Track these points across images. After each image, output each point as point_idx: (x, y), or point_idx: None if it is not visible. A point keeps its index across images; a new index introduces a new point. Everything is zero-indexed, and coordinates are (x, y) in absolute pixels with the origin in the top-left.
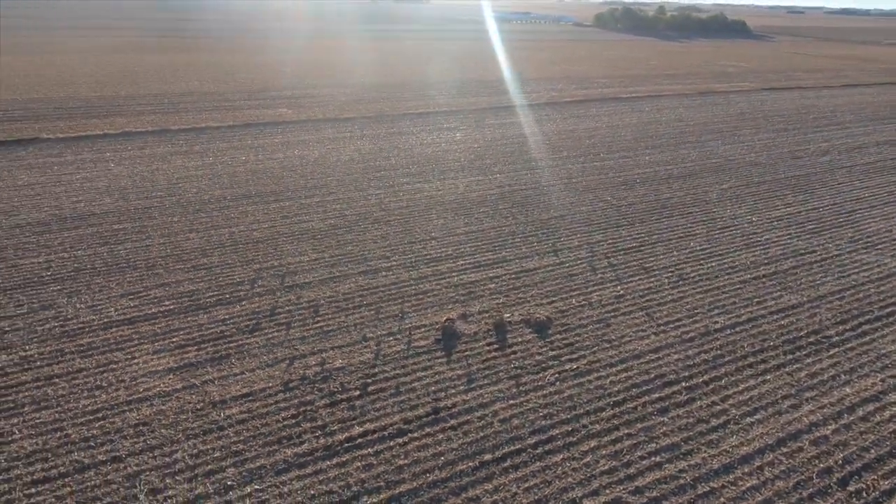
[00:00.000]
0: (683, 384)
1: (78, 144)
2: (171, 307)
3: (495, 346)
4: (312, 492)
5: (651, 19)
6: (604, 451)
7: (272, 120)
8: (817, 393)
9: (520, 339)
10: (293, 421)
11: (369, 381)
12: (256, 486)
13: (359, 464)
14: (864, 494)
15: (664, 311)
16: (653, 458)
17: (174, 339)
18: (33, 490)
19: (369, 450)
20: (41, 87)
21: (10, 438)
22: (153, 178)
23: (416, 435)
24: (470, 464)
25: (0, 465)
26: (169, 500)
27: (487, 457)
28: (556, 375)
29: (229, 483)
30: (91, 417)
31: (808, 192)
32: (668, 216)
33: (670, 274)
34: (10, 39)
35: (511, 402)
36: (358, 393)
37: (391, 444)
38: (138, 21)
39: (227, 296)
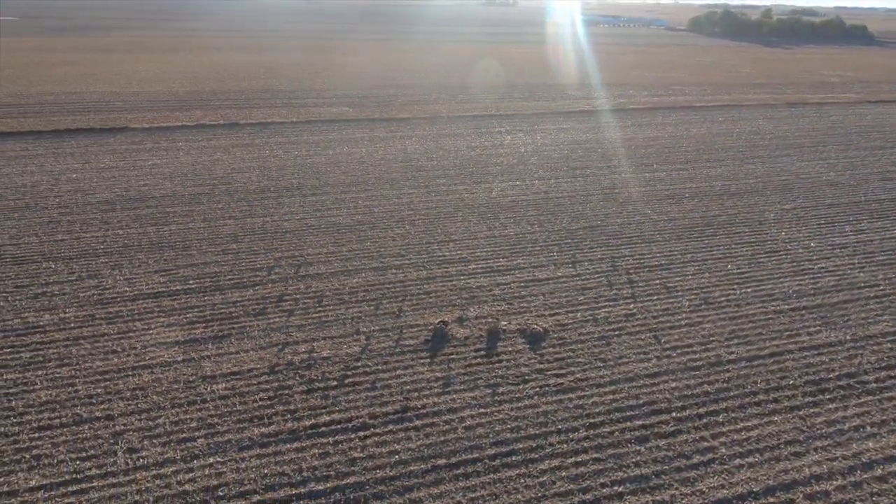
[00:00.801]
0: (674, 414)
1: (158, 134)
2: (193, 286)
3: (483, 352)
4: (266, 471)
5: (754, 24)
6: (564, 473)
7: (332, 118)
8: (831, 443)
9: (510, 349)
10: (269, 402)
11: (349, 373)
12: (218, 459)
13: (316, 451)
14: None
15: (675, 334)
16: (615, 488)
17: (188, 316)
18: (36, 435)
19: (330, 439)
20: (140, 83)
21: (31, 388)
22: (212, 167)
23: (378, 431)
24: (422, 466)
25: (17, 410)
26: (141, 460)
27: (441, 462)
28: (537, 389)
29: (196, 452)
30: (100, 378)
31: (888, 220)
32: (711, 235)
33: (693, 297)
34: (127, 39)
35: (482, 410)
36: (335, 383)
37: (352, 436)
38: (246, 24)
39: (245, 280)
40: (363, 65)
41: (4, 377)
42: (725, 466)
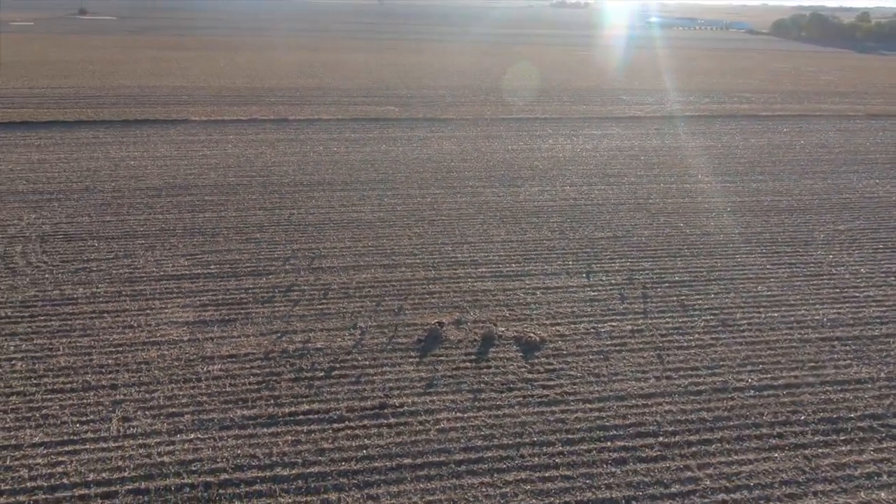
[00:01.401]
0: (661, 439)
1: (212, 127)
2: (213, 271)
3: (473, 357)
4: (239, 452)
5: (846, 28)
6: (528, 487)
7: (378, 116)
8: (835, 489)
9: (501, 356)
10: (256, 387)
11: (338, 365)
12: (199, 435)
13: (290, 438)
14: None
15: (681, 355)
16: None
17: (202, 299)
18: (48, 397)
19: (304, 427)
20: (206, 78)
21: (53, 354)
22: (254, 160)
23: (352, 424)
24: (387, 463)
25: (38, 373)
26: (132, 429)
27: (407, 461)
28: (520, 399)
29: (181, 427)
30: (113, 350)
31: None
32: (746, 253)
33: (711, 317)
34: (204, 39)
35: (459, 414)
36: (322, 374)
37: (326, 427)
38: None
39: (260, 268)
40: (418, 65)
41: (34, 342)
42: (706, 500)
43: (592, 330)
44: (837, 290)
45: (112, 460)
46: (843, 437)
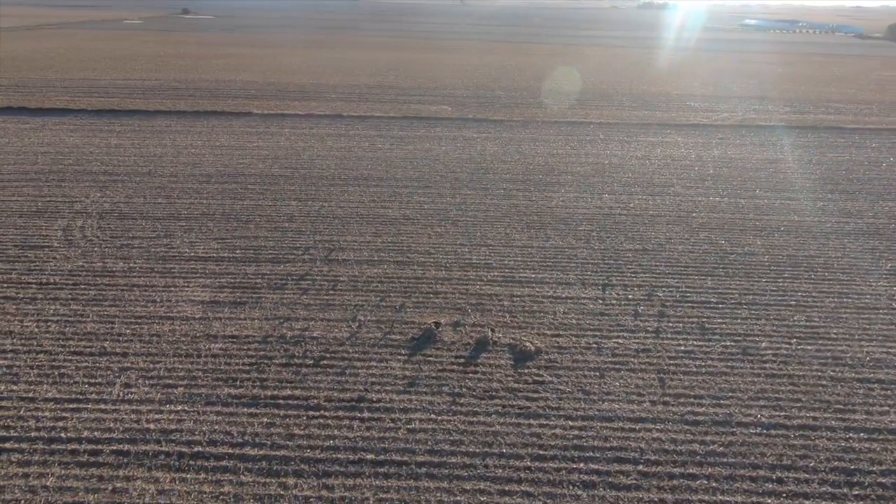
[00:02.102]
0: (640, 467)
1: (271, 120)
2: (238, 255)
3: (462, 359)
4: (216, 428)
5: None
6: (484, 499)
7: (429, 115)
8: None
9: (491, 362)
10: (247, 368)
11: (328, 355)
12: (185, 408)
13: (265, 420)
14: None
15: (686, 381)
16: None
17: (221, 280)
18: (69, 358)
19: (281, 412)
20: (277, 74)
21: (83, 320)
22: (301, 153)
23: (326, 414)
24: (349, 456)
25: (66, 336)
26: (130, 395)
27: (369, 457)
28: (498, 408)
29: (172, 398)
30: (133, 321)
31: None
32: (791, 278)
33: (732, 343)
34: (290, 36)
35: (432, 416)
36: (311, 363)
37: (301, 413)
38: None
39: (280, 256)
40: (480, 65)
41: (70, 307)
42: None
43: (594, 345)
44: (891, 328)
45: (106, 421)
46: (856, 492)
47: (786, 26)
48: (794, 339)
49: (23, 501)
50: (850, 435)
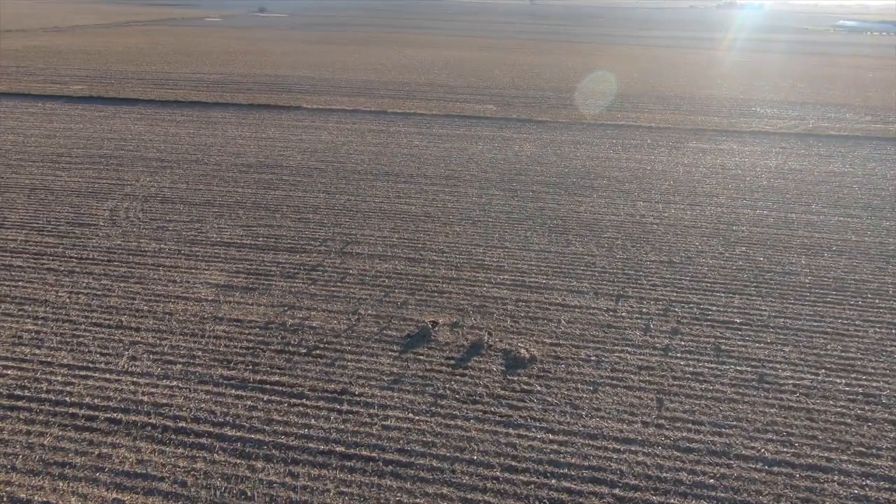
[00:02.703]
0: (616, 491)
1: (318, 114)
2: (259, 243)
3: (453, 361)
4: (203, 406)
5: None
6: None
7: (473, 114)
8: None
9: (482, 366)
10: (244, 351)
11: (322, 346)
12: (179, 384)
13: (248, 403)
14: None
15: (687, 404)
16: None
17: (239, 266)
18: (90, 329)
19: (265, 397)
20: (332, 70)
21: (109, 294)
22: (339, 147)
23: (307, 403)
24: (320, 446)
25: (91, 308)
26: (134, 368)
27: (339, 449)
28: (478, 414)
29: (170, 374)
30: (152, 298)
31: None
32: (832, 302)
33: (748, 369)
34: (349, 34)
35: (410, 415)
36: (304, 352)
37: (283, 400)
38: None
39: (297, 246)
40: (536, 65)
41: (101, 282)
42: None
43: (594, 358)
44: None
45: (107, 390)
46: None
47: (886, 28)
48: (823, 370)
49: (20, 456)
50: (868, 482)
